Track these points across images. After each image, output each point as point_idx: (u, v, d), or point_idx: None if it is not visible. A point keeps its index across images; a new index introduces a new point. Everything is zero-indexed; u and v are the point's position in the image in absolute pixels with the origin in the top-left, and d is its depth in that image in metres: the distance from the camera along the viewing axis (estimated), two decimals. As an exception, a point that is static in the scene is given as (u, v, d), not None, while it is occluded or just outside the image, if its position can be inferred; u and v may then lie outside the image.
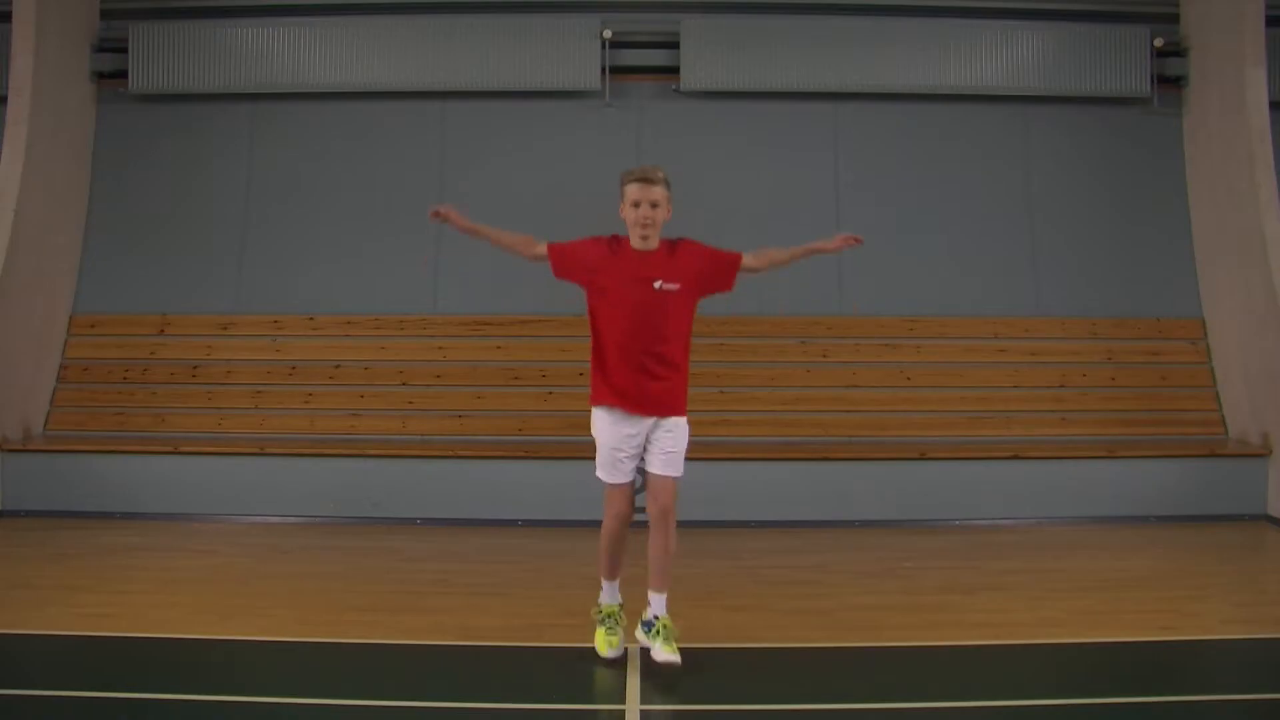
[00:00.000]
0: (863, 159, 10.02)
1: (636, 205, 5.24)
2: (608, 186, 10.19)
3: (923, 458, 8.89)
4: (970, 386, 9.53)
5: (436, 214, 5.49)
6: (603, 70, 9.88)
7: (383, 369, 9.56)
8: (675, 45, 9.89)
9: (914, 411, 9.47)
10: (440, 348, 9.65)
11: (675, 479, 5.36)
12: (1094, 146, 10.05)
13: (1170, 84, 9.94)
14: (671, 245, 5.37)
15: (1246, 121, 9.09)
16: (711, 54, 9.85)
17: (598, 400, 5.35)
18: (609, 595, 5.55)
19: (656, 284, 5.24)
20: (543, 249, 5.45)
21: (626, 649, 5.43)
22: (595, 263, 5.31)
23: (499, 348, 9.60)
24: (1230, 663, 5.71)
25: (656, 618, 5.32)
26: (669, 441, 5.33)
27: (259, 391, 9.49)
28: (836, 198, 9.97)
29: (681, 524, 5.52)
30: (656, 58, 9.97)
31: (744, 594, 6.81)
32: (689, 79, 9.87)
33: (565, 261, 5.41)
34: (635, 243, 5.31)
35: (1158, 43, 9.83)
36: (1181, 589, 6.90)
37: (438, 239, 9.88)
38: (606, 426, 5.34)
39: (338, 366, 9.58)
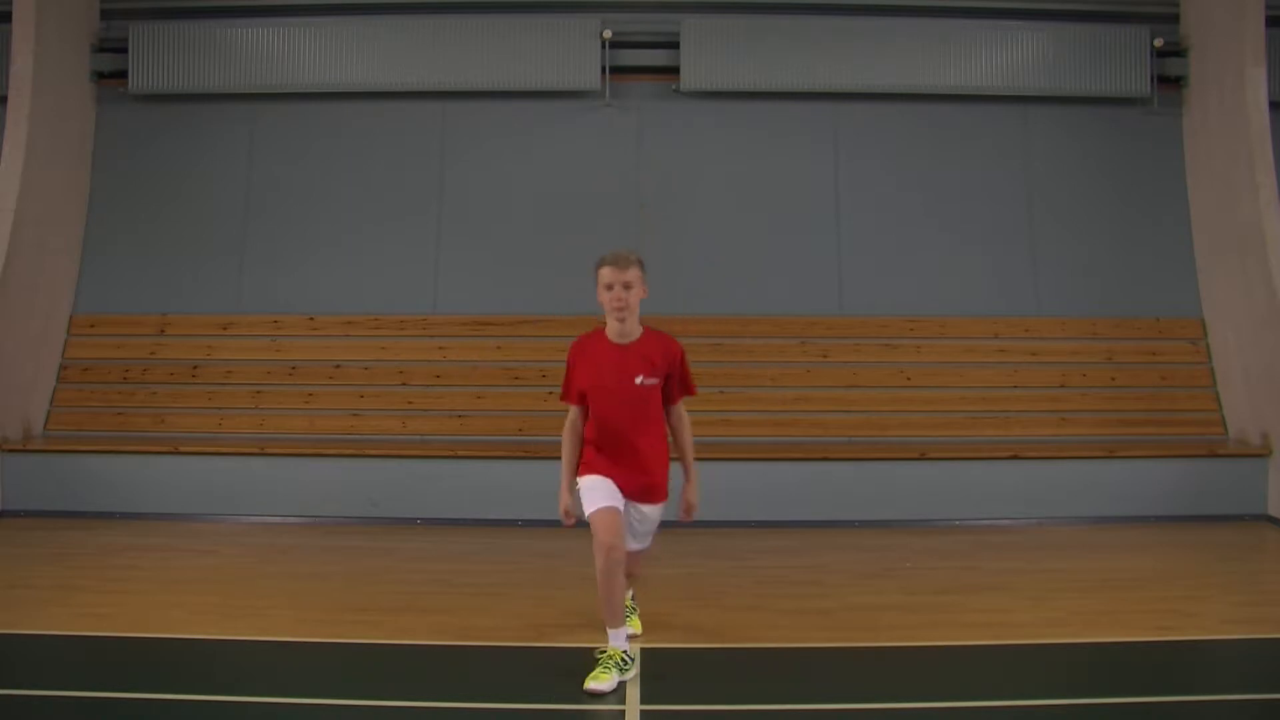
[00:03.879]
0: (863, 159, 10.02)
1: (610, 288, 5.24)
2: (608, 187, 10.29)
3: (923, 458, 8.89)
4: (970, 386, 9.53)
5: (568, 518, 5.39)
6: (603, 70, 9.88)
7: (383, 369, 9.56)
8: (675, 45, 9.89)
9: (914, 411, 9.47)
10: (440, 348, 9.65)
11: (647, 550, 5.60)
12: (1094, 146, 10.05)
13: (1170, 84, 9.94)
14: (654, 336, 5.39)
15: (1246, 121, 9.08)
16: (711, 54, 9.85)
17: (590, 470, 5.34)
18: (616, 641, 5.20)
19: (638, 380, 5.28)
20: (574, 411, 5.43)
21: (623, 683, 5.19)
22: (585, 378, 5.33)
23: (499, 348, 9.60)
24: (1230, 663, 5.71)
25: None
26: (645, 524, 5.46)
27: (259, 391, 9.49)
28: (836, 198, 9.97)
29: (681, 524, 5.53)
30: (656, 58, 9.97)
31: (744, 594, 6.81)
32: (689, 79, 9.87)
33: (577, 393, 5.38)
34: (612, 329, 5.32)
35: (1158, 43, 9.83)
36: (1181, 589, 6.90)
37: (438, 239, 9.90)
38: (597, 484, 5.32)
39: (338, 366, 9.58)
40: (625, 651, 5.15)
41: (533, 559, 7.67)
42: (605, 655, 5.12)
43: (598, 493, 5.26)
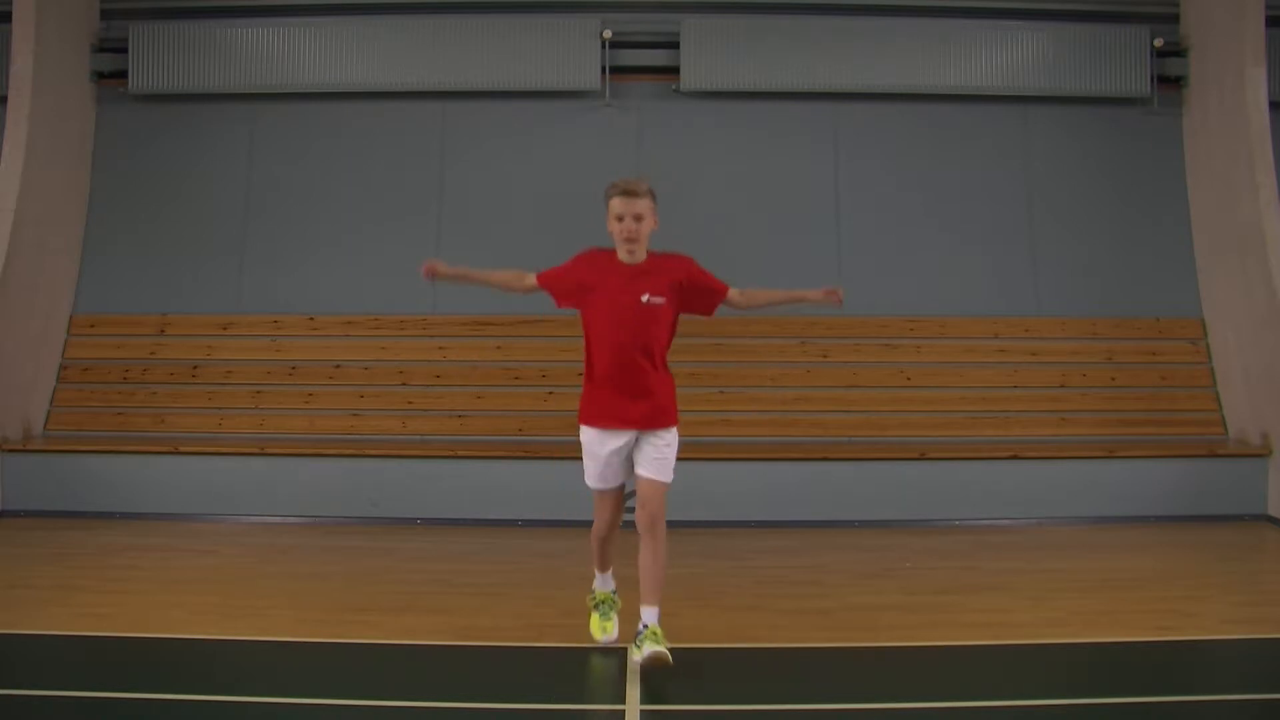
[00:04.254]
0: (863, 159, 10.02)
1: (620, 219, 5.23)
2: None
3: (923, 458, 8.89)
4: (970, 386, 9.53)
5: (427, 274, 5.41)
6: (603, 70, 9.88)
7: (383, 369, 9.57)
8: (675, 45, 9.89)
9: (914, 411, 9.47)
10: (440, 348, 9.65)
11: (665, 485, 5.32)
12: (1094, 146, 10.05)
13: (1170, 84, 9.94)
14: (661, 257, 5.38)
15: (1246, 121, 9.08)
16: (711, 54, 9.85)
17: (587, 421, 5.36)
18: (602, 584, 5.69)
19: (644, 298, 5.24)
20: (533, 280, 5.45)
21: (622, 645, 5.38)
22: (586, 279, 5.31)
23: (499, 348, 9.60)
24: (1230, 663, 5.71)
25: (645, 626, 5.23)
26: (658, 448, 5.31)
27: (259, 391, 9.50)
28: (836, 198, 9.98)
29: (682, 524, 5.53)
30: (656, 58, 9.97)
31: (744, 594, 6.81)
32: (689, 79, 9.87)
33: (560, 285, 5.39)
34: (622, 255, 5.30)
35: (1158, 43, 9.83)
36: (1181, 589, 6.90)
37: (438, 239, 9.90)
38: (594, 443, 5.35)
39: (338, 366, 9.58)
40: (613, 592, 5.46)
41: (533, 559, 7.67)
42: (598, 599, 5.38)
43: (594, 471, 5.35)
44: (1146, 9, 10.00)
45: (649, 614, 5.25)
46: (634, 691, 5.01)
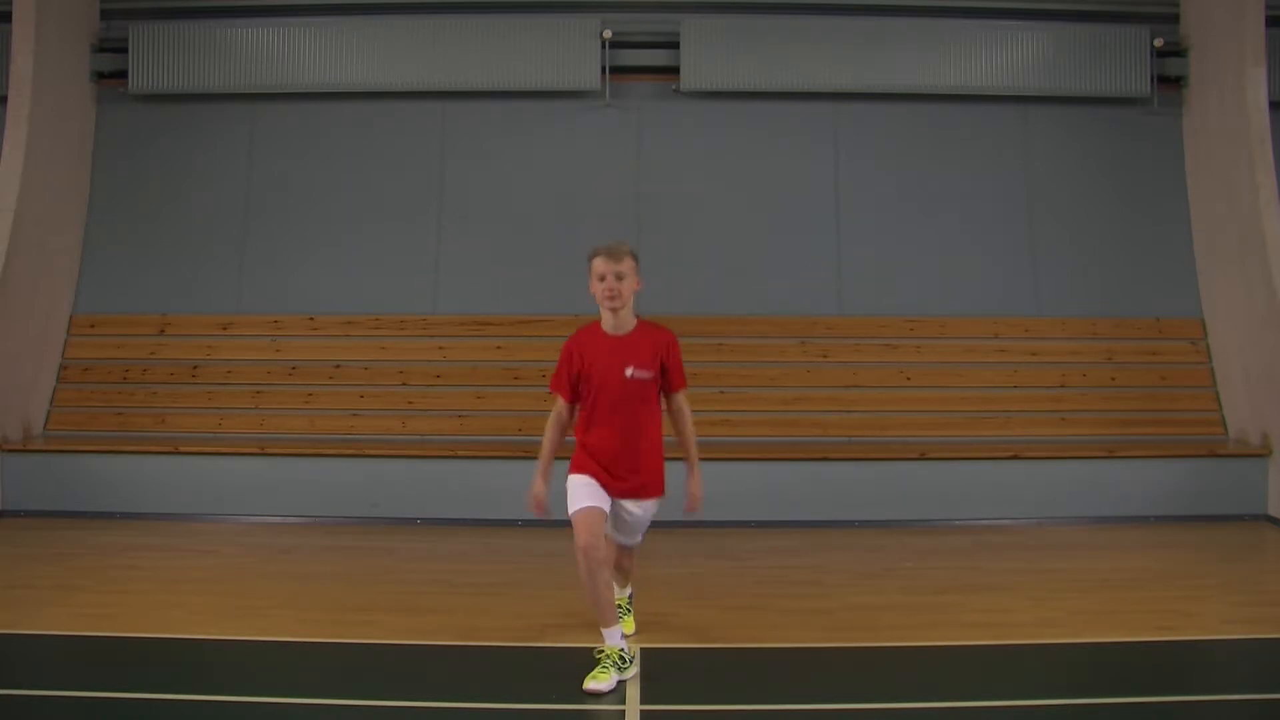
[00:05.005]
0: (863, 159, 10.02)
1: (602, 278, 5.22)
2: (608, 187, 10.28)
3: (923, 458, 8.89)
4: (970, 386, 9.53)
5: (538, 508, 5.37)
6: (603, 70, 9.88)
7: (383, 369, 9.56)
8: (675, 45, 9.89)
9: (914, 411, 9.47)
10: (440, 348, 9.65)
11: (636, 546, 5.57)
12: (1094, 146, 10.05)
13: (1170, 84, 9.94)
14: (647, 328, 5.37)
15: (1246, 121, 9.08)
16: (711, 54, 9.85)
17: (579, 470, 5.30)
18: (612, 640, 5.18)
19: (628, 372, 5.24)
20: (561, 402, 5.40)
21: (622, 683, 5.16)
22: (580, 369, 5.30)
23: (499, 348, 9.60)
24: (1230, 663, 5.72)
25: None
26: (641, 519, 5.41)
27: (259, 391, 9.50)
28: (836, 197, 9.97)
29: (682, 524, 5.54)
30: (656, 58, 9.97)
31: (744, 594, 6.81)
32: (689, 79, 9.87)
33: (568, 385, 5.35)
34: (606, 321, 5.30)
35: (1158, 43, 9.83)
36: (1181, 589, 6.90)
37: (438, 239, 9.90)
38: (583, 486, 5.29)
39: (338, 366, 9.58)
40: (623, 650, 5.13)
41: (533, 559, 7.67)
42: (603, 654, 5.11)
43: (581, 491, 5.25)
44: (1146, 9, 10.00)
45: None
46: (634, 691, 5.02)
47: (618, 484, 5.29)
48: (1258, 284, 8.97)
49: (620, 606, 5.69)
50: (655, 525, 5.57)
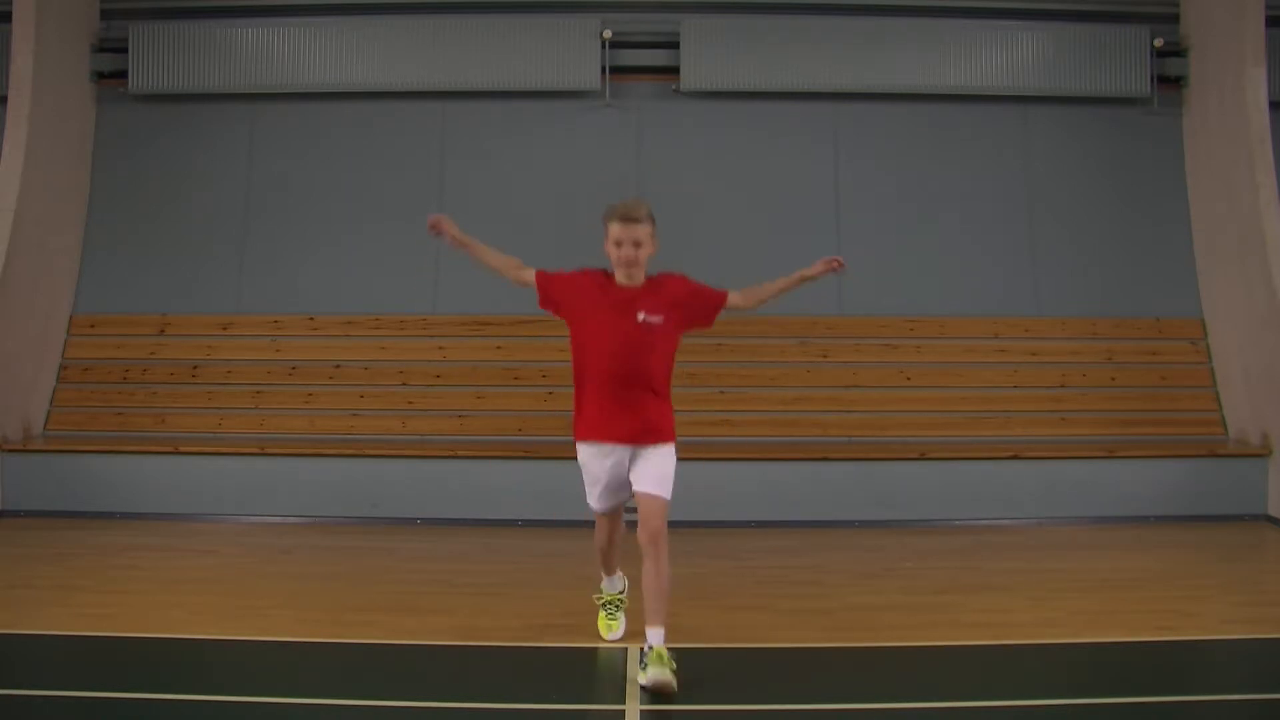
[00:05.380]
0: (863, 159, 10.02)
1: (619, 244, 5.16)
2: (608, 187, 10.24)
3: (923, 458, 8.89)
4: (970, 386, 9.53)
5: (433, 226, 5.43)
6: (603, 70, 9.88)
7: (383, 369, 9.57)
8: (675, 45, 9.89)
9: (914, 411, 9.47)
10: (440, 348, 9.65)
11: (664, 501, 5.20)
12: (1094, 146, 10.05)
13: (1170, 84, 9.94)
14: (656, 279, 5.33)
15: (1246, 121, 9.08)
16: (711, 54, 9.85)
17: (580, 436, 5.31)
18: (609, 585, 5.77)
19: (640, 316, 5.18)
20: (530, 275, 5.40)
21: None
22: (581, 291, 5.25)
23: (499, 348, 9.60)
24: (1230, 663, 5.71)
25: (651, 647, 5.08)
26: (656, 463, 5.22)
27: (259, 391, 9.50)
28: (836, 198, 9.98)
29: (682, 524, 5.53)
30: (656, 58, 9.97)
31: (744, 594, 6.81)
32: (689, 79, 9.87)
33: (552, 289, 5.32)
34: (620, 279, 5.27)
35: (1158, 43, 9.83)
36: (1181, 589, 6.89)
37: (438, 238, 9.89)
38: (590, 460, 5.32)
39: (338, 366, 9.58)
40: (621, 593, 5.50)
41: (533, 559, 7.67)
42: (606, 600, 5.37)
43: (593, 487, 5.34)
44: (1146, 9, 10.00)
45: (654, 635, 5.09)
46: (634, 691, 5.01)
47: (624, 426, 5.18)
48: (1258, 284, 8.97)
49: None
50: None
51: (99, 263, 9.85)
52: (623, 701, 4.92)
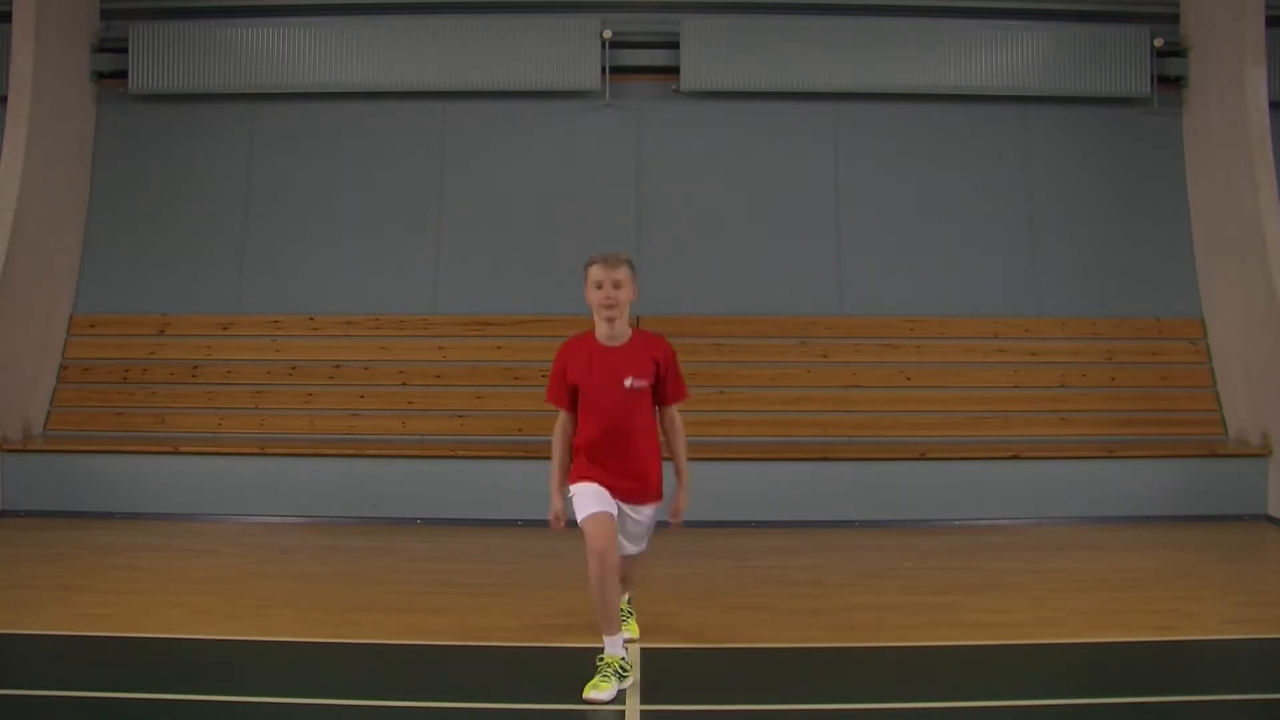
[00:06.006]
0: (863, 159, 10.02)
1: (599, 286, 5.18)
2: (607, 187, 10.27)
3: (923, 458, 8.89)
4: (970, 386, 9.53)
5: (556, 521, 5.36)
6: (603, 70, 9.88)
7: (383, 369, 9.56)
8: (675, 45, 9.89)
9: (914, 411, 9.47)
10: (440, 348, 9.65)
11: (641, 554, 5.52)
12: (1094, 147, 10.06)
13: (1170, 84, 9.94)
14: (643, 337, 5.34)
15: (1246, 121, 9.08)
16: (711, 54, 9.85)
17: (581, 479, 5.28)
18: (613, 649, 5.11)
19: (627, 382, 5.21)
20: (563, 414, 5.39)
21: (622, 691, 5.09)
22: (573, 378, 5.27)
23: (499, 348, 9.60)
24: (1230, 663, 5.71)
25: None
26: (639, 524, 5.37)
27: (259, 391, 9.50)
28: (836, 198, 9.97)
29: (682, 524, 5.51)
30: (656, 58, 9.97)
31: (744, 594, 6.81)
32: (689, 79, 9.87)
33: (565, 395, 5.33)
34: (601, 330, 5.26)
35: (1158, 43, 9.83)
36: (1181, 589, 6.90)
37: (438, 239, 9.91)
38: (587, 484, 5.30)
39: (338, 366, 9.58)
40: (623, 659, 5.09)
41: (533, 559, 7.67)
42: (603, 663, 5.06)
43: (590, 498, 5.21)
44: (1146, 9, 10.00)
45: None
46: (634, 691, 5.01)
47: (619, 488, 5.27)
48: (1258, 284, 8.97)
49: (622, 610, 5.68)
50: (655, 525, 5.55)
51: (99, 263, 9.85)
52: (623, 701, 4.91)
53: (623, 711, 4.83)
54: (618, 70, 9.95)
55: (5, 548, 7.82)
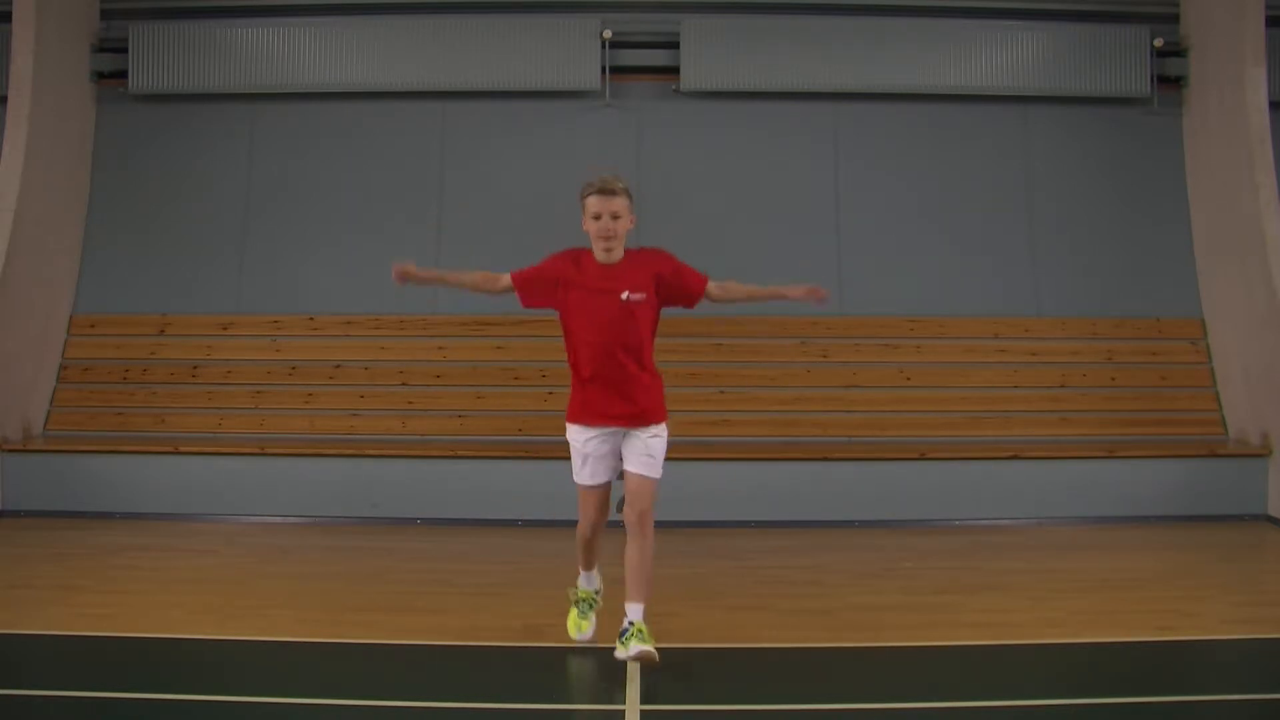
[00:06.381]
0: (863, 159, 10.02)
1: (597, 218, 5.19)
2: (608, 187, 10.18)
3: (923, 458, 8.89)
4: (970, 386, 9.53)
5: (398, 277, 5.39)
6: (603, 70, 9.88)
7: (383, 369, 9.56)
8: (675, 45, 9.89)
9: (914, 411, 9.47)
10: (440, 348, 9.65)
11: (653, 481, 5.29)
12: (1094, 147, 10.05)
13: (1170, 84, 9.94)
14: (637, 254, 5.34)
15: (1246, 121, 9.08)
16: (711, 54, 9.85)
17: (574, 419, 5.33)
18: (586, 581, 5.64)
19: (624, 295, 5.19)
20: (506, 280, 5.40)
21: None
22: (561, 278, 5.25)
23: (499, 348, 9.60)
24: (1230, 663, 5.71)
25: (631, 623, 5.17)
26: (646, 444, 5.28)
27: (259, 391, 9.49)
28: (836, 198, 9.98)
29: (682, 524, 5.53)
30: (656, 58, 9.97)
31: (744, 594, 6.81)
32: (689, 79, 9.87)
33: (531, 286, 5.33)
34: (599, 255, 5.25)
35: (1158, 43, 9.83)
36: (1181, 589, 6.90)
37: (438, 239, 9.90)
38: (581, 438, 5.33)
39: (338, 366, 9.58)
40: (596, 591, 5.41)
41: (533, 559, 7.67)
42: (579, 598, 5.27)
43: (581, 463, 5.30)
44: (1146, 9, 9.99)
45: (634, 610, 5.19)
46: (634, 691, 5.01)
47: (619, 409, 5.23)
48: (1258, 284, 8.97)
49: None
50: (656, 525, 5.52)
51: (99, 263, 9.85)
52: (622, 702, 4.91)
53: (622, 711, 4.83)
54: (618, 70, 9.94)
55: (5, 548, 7.82)
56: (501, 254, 9.74)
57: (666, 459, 5.39)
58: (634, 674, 5.16)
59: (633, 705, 4.87)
